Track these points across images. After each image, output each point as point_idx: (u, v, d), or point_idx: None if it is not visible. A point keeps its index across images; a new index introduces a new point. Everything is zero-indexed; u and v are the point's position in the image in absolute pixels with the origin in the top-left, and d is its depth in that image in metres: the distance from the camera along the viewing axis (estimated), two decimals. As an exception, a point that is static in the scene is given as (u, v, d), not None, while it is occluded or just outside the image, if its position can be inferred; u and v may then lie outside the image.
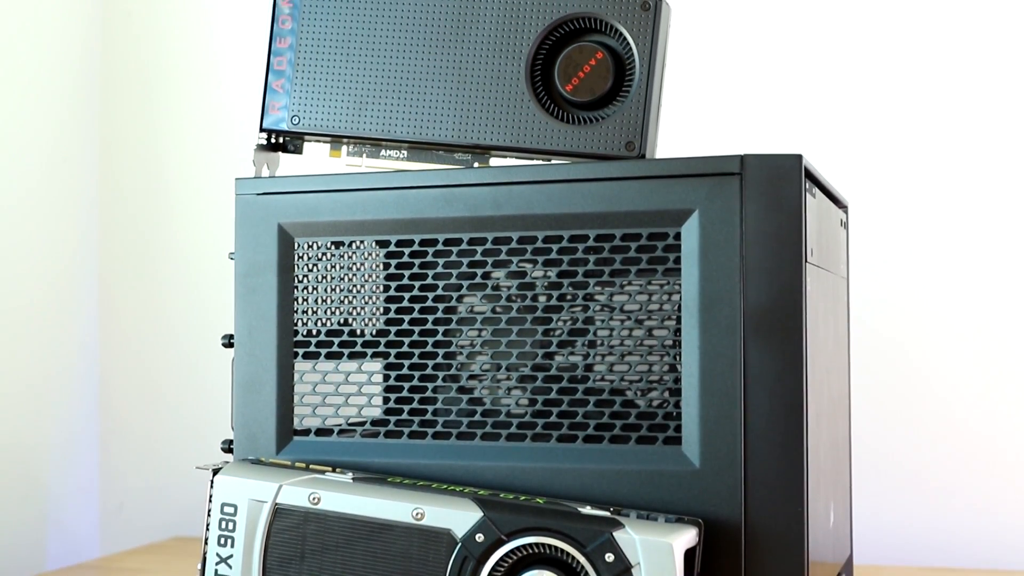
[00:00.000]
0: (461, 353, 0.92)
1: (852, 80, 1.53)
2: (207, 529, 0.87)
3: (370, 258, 0.96)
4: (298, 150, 0.98)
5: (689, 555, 0.80)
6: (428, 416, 0.91)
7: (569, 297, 0.89)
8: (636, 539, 0.78)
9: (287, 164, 0.98)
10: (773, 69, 1.55)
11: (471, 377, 0.92)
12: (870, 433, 1.44)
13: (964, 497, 1.46)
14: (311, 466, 0.89)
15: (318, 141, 0.97)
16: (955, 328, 1.48)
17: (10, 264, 1.55)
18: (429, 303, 0.91)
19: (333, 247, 0.94)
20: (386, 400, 0.94)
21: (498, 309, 0.90)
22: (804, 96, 1.54)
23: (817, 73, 1.54)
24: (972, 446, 1.47)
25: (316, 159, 0.97)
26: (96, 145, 1.74)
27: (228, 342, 0.95)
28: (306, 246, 0.94)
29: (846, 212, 1.08)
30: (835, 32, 1.54)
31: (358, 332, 0.95)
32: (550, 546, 0.79)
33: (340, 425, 0.94)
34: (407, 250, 0.91)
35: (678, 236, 0.85)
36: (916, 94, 1.51)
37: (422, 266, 0.91)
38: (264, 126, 0.96)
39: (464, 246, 0.90)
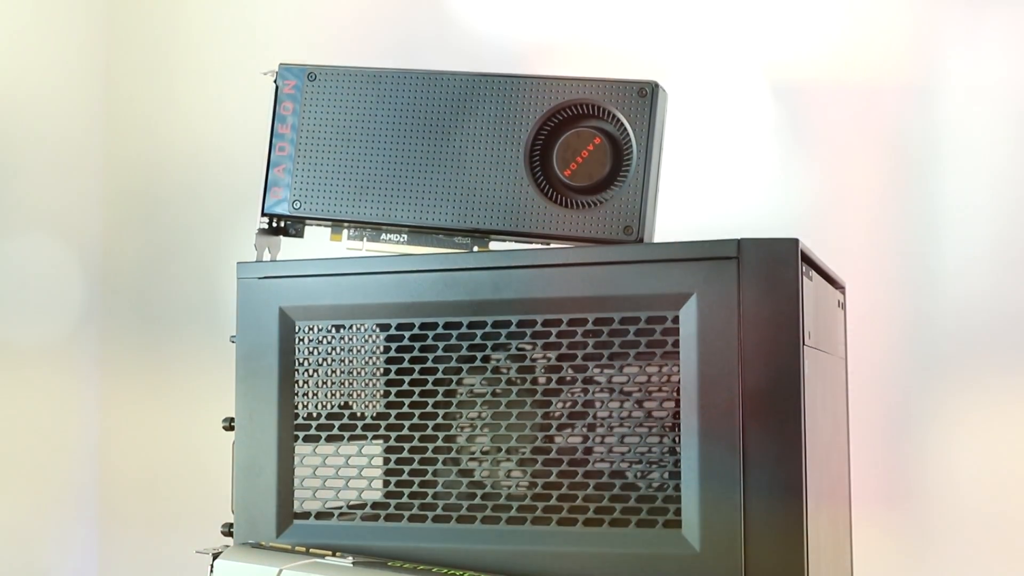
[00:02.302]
0: (461, 436, 0.92)
1: (847, 162, 1.54)
2: (206, 614, 0.87)
3: (370, 341, 0.96)
4: (299, 234, 0.99)
5: (690, 640, 0.79)
6: (428, 499, 0.91)
7: (568, 380, 0.89)
8: (637, 624, 0.77)
9: (288, 248, 0.99)
10: (769, 154, 1.56)
11: (471, 460, 0.92)
12: (871, 514, 1.43)
13: (967, 578, 1.45)
14: (311, 550, 0.89)
15: (319, 225, 0.97)
16: (956, 406, 1.48)
17: (11, 334, 1.55)
18: (429, 386, 0.91)
19: (334, 330, 0.95)
20: (386, 483, 0.94)
21: (498, 392, 0.91)
22: (800, 178, 1.55)
23: (812, 156, 1.55)
24: (977, 527, 1.46)
25: (317, 243, 0.98)
26: (99, 221, 1.75)
27: (229, 425, 0.95)
28: (307, 329, 0.94)
29: (843, 293, 1.08)
30: (829, 116, 1.55)
31: (358, 415, 0.95)
32: (550, 631, 0.79)
33: (340, 508, 0.94)
34: (407, 333, 0.92)
35: (676, 319, 0.85)
36: (910, 173, 1.52)
37: (422, 349, 0.92)
38: (265, 210, 0.97)
39: (464, 329, 0.90)
